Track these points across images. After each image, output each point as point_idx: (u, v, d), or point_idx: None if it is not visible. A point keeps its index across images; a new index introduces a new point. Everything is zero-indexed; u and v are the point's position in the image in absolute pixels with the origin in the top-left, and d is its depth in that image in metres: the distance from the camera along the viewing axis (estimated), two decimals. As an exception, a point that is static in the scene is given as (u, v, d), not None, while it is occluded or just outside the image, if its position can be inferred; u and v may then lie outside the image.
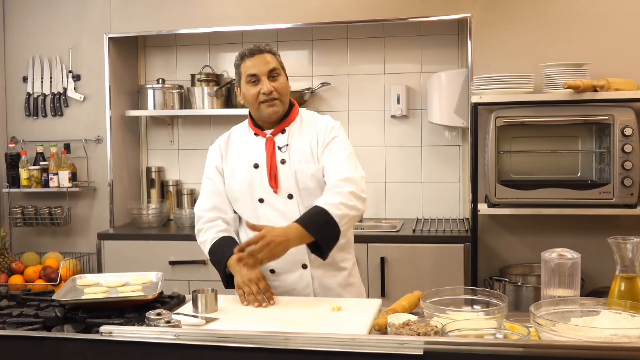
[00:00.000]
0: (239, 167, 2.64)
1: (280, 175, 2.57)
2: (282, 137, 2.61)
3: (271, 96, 2.55)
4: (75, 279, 2.49)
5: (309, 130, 2.63)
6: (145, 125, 4.77)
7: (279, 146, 2.60)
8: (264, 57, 2.57)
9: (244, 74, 2.58)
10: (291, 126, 2.64)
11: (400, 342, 1.63)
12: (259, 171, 2.59)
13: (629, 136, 3.48)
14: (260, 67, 2.55)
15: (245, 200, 2.61)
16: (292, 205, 2.56)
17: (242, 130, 2.72)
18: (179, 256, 4.05)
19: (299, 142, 2.61)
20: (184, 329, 1.83)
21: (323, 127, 2.62)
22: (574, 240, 3.67)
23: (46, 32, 4.51)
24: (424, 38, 4.39)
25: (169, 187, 4.66)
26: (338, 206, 2.40)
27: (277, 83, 2.56)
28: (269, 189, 2.57)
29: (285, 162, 2.58)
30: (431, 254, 3.78)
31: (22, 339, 1.87)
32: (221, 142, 2.74)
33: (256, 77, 2.55)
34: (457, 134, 4.36)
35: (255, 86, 2.56)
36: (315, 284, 2.58)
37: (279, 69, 2.59)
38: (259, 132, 2.65)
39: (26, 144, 4.50)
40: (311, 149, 2.60)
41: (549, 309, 1.90)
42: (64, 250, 4.49)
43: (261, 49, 2.58)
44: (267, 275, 2.58)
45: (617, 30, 3.81)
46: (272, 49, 2.63)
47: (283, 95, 2.58)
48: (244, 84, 2.59)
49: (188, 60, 4.69)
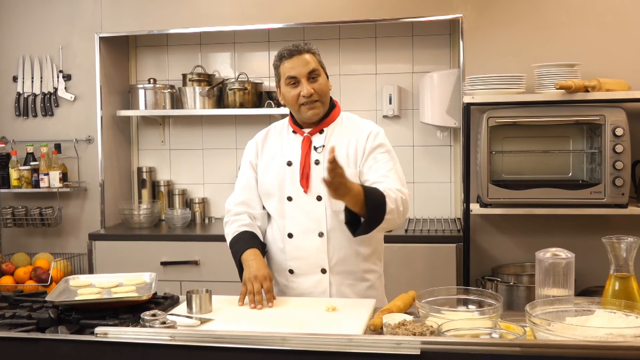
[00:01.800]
0: (273, 163, 2.61)
1: (312, 176, 2.53)
2: (320, 137, 2.58)
3: (311, 98, 2.51)
4: (68, 279, 2.48)
5: (349, 132, 2.59)
6: (136, 125, 4.75)
7: (315, 146, 2.56)
8: (303, 58, 2.52)
9: (284, 75, 2.54)
10: (330, 127, 2.60)
11: (397, 342, 1.63)
12: (291, 169, 2.56)
13: (620, 136, 3.50)
14: (300, 68, 2.51)
15: (275, 197, 2.58)
16: (320, 207, 2.52)
17: (282, 127, 2.69)
18: (171, 257, 4.04)
19: (335, 144, 2.50)
20: (179, 330, 1.83)
21: (365, 132, 2.58)
22: (566, 239, 3.68)
23: (37, 32, 4.48)
24: (415, 38, 4.39)
25: (160, 188, 4.64)
26: (393, 201, 2.36)
27: (317, 84, 2.52)
28: (299, 188, 2.54)
29: (319, 163, 2.54)
30: (423, 254, 3.78)
31: (16, 340, 1.86)
32: (258, 138, 2.71)
33: (296, 79, 2.51)
34: (449, 134, 4.37)
35: (295, 88, 2.52)
36: (333, 290, 2.53)
37: (318, 69, 2.54)
38: (297, 130, 2.61)
39: (16, 144, 4.47)
40: (348, 152, 2.55)
41: (544, 308, 1.91)
42: (55, 251, 4.46)
43: (300, 49, 2.53)
44: (285, 275, 2.58)
45: (608, 30, 3.83)
46: (312, 47, 2.57)
47: (323, 96, 2.54)
48: (284, 86, 2.55)
49: (179, 60, 4.67)
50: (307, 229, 2.53)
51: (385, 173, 2.49)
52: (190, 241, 4.10)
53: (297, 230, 2.55)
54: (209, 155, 4.67)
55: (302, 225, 2.54)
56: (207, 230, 4.34)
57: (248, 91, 4.37)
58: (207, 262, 4.02)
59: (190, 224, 4.46)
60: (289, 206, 2.56)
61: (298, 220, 2.54)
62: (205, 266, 4.02)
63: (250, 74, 4.48)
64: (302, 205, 2.54)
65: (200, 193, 4.68)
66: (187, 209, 4.46)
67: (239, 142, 4.59)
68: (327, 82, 2.58)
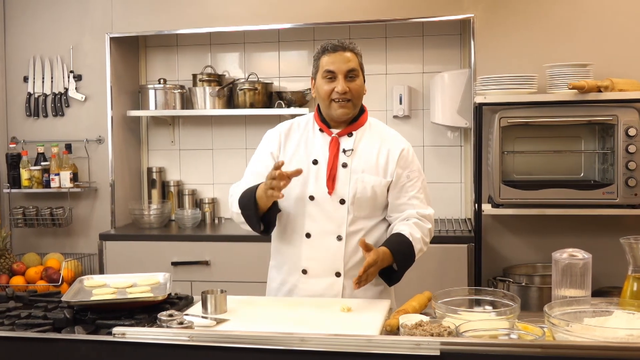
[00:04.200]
0: (297, 159, 2.56)
1: (338, 178, 2.51)
2: (349, 140, 2.56)
3: (345, 97, 2.48)
4: (83, 280, 2.48)
5: (378, 140, 2.58)
6: (146, 126, 4.75)
7: (344, 149, 2.54)
8: (345, 55, 2.50)
9: (322, 68, 2.51)
10: (359, 131, 2.58)
11: (417, 342, 1.62)
12: (316, 168, 2.53)
13: (633, 136, 3.49)
14: (340, 64, 2.48)
15: (296, 194, 2.53)
16: (342, 210, 2.51)
17: (306, 123, 2.65)
18: (181, 257, 4.04)
19: (364, 150, 2.55)
20: (197, 330, 1.83)
21: (398, 146, 2.58)
22: (578, 240, 3.66)
23: (47, 32, 4.48)
24: (426, 38, 4.38)
25: (170, 188, 4.65)
26: (419, 240, 2.48)
27: (353, 84, 2.50)
28: (324, 189, 2.51)
29: (346, 166, 2.52)
30: (435, 255, 3.76)
31: (33, 340, 1.86)
32: (282, 129, 2.66)
33: (333, 74, 2.49)
34: (460, 135, 4.36)
35: (330, 83, 2.50)
36: (346, 293, 2.52)
37: (357, 70, 2.52)
38: (324, 128, 2.58)
39: (27, 144, 4.48)
40: (378, 160, 2.54)
41: (562, 309, 1.90)
42: (65, 251, 4.46)
43: (344, 46, 2.51)
44: (297, 275, 2.56)
45: (620, 30, 3.82)
46: (356, 47, 2.55)
47: (357, 97, 2.52)
48: (320, 79, 2.53)
49: (189, 60, 4.67)
50: (326, 230, 2.52)
51: (415, 194, 2.56)
52: (200, 241, 4.09)
53: (316, 231, 2.52)
54: (219, 156, 4.67)
55: (322, 227, 2.52)
56: (218, 231, 4.34)
57: (258, 91, 4.37)
58: (218, 262, 4.02)
59: (200, 224, 4.46)
60: (311, 205, 2.53)
61: (318, 221, 2.52)
62: (216, 266, 4.02)
63: (260, 74, 4.48)
64: (324, 206, 2.52)
65: (210, 193, 4.68)
66: (197, 209, 4.46)
67: (248, 142, 4.59)
68: (363, 84, 2.56)
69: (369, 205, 2.53)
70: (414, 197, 2.55)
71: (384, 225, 2.61)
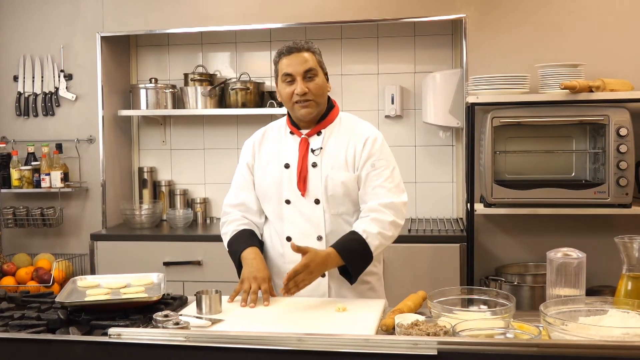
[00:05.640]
0: (271, 165, 2.59)
1: (309, 179, 2.52)
2: (317, 139, 2.56)
3: (305, 97, 2.48)
4: (76, 280, 2.47)
5: (347, 135, 2.57)
6: (137, 125, 4.73)
7: (312, 149, 2.54)
8: (301, 56, 2.50)
9: (281, 72, 2.53)
10: (328, 128, 2.58)
11: (414, 342, 1.62)
12: (289, 171, 2.55)
13: (624, 136, 3.51)
14: (296, 66, 2.48)
15: (273, 199, 2.57)
16: (318, 210, 2.52)
17: (279, 127, 2.66)
18: (173, 257, 4.03)
19: (333, 147, 2.54)
20: (194, 331, 1.82)
21: (363, 137, 2.55)
22: (569, 239, 3.68)
23: (38, 31, 4.46)
24: (417, 38, 4.39)
25: (162, 188, 4.63)
26: (376, 236, 2.42)
27: (312, 84, 2.49)
28: (297, 191, 2.52)
29: (316, 165, 2.53)
30: (427, 254, 3.78)
31: (27, 341, 1.84)
32: (255, 138, 2.69)
33: (291, 76, 2.49)
34: (451, 134, 4.36)
35: (290, 86, 2.50)
36: (332, 293, 2.53)
37: (316, 69, 2.51)
38: (295, 130, 2.59)
39: (17, 144, 4.45)
40: (346, 156, 2.54)
41: (557, 308, 1.91)
42: (56, 252, 4.44)
43: (299, 47, 2.51)
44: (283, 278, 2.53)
45: (612, 31, 3.84)
46: (312, 46, 2.54)
47: (318, 96, 2.51)
48: (280, 82, 2.54)
49: (180, 59, 4.66)
50: (305, 232, 2.53)
51: (380, 183, 2.50)
52: (192, 241, 4.09)
53: (296, 234, 2.53)
54: (210, 155, 4.66)
55: (301, 229, 2.53)
56: (209, 231, 4.32)
57: (250, 91, 4.36)
58: (210, 262, 4.01)
59: (192, 224, 4.45)
60: (287, 209, 2.55)
61: (296, 223, 2.53)
62: (208, 266, 4.01)
63: (251, 73, 4.47)
64: (300, 208, 2.53)
65: (201, 193, 4.67)
66: (188, 209, 4.45)
67: (240, 142, 4.57)
68: (324, 82, 2.55)
69: (344, 202, 2.53)
70: (379, 186, 2.50)
71: None
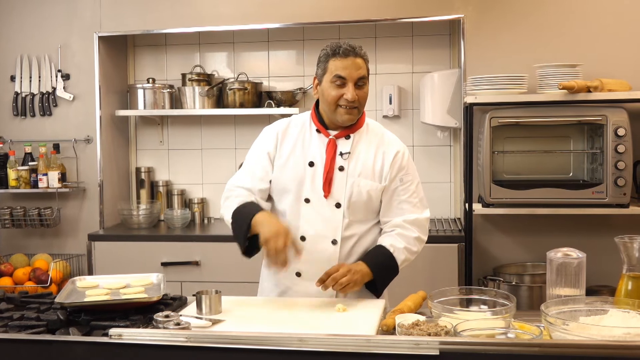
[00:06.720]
0: (292, 160, 2.53)
1: (334, 182, 2.48)
2: (346, 142, 2.52)
3: (352, 104, 2.43)
4: (75, 281, 2.46)
5: (375, 144, 2.55)
6: (135, 125, 4.72)
7: (341, 152, 2.50)
8: (357, 62, 2.42)
9: (331, 72, 2.43)
10: (357, 133, 2.54)
11: (416, 342, 1.62)
12: (312, 170, 2.50)
13: (622, 136, 3.51)
14: (351, 71, 2.41)
15: (291, 196, 2.51)
16: (338, 214, 2.48)
17: (303, 123, 2.59)
18: (171, 257, 4.02)
19: (362, 154, 2.51)
20: (195, 331, 1.81)
21: (393, 149, 2.55)
22: (567, 239, 3.67)
23: (35, 31, 4.44)
24: (415, 38, 4.39)
25: (159, 188, 4.62)
26: (402, 250, 2.48)
27: (362, 92, 2.45)
28: (319, 192, 2.48)
29: (343, 169, 2.49)
30: (425, 254, 3.72)
31: (28, 342, 1.84)
32: (279, 128, 2.59)
33: (344, 80, 2.42)
34: (449, 134, 4.37)
35: (339, 88, 2.42)
36: (339, 296, 2.49)
37: (366, 77, 2.47)
38: (322, 129, 2.53)
39: (14, 144, 4.43)
40: (374, 166, 2.52)
41: (558, 307, 1.91)
42: (53, 252, 4.42)
43: (356, 52, 2.43)
44: (291, 278, 2.53)
45: (609, 31, 3.84)
46: (366, 54, 2.48)
47: (363, 105, 2.49)
48: (327, 82, 2.44)
49: (178, 59, 4.65)
50: (321, 234, 2.50)
51: (406, 198, 2.55)
52: (190, 241, 4.08)
53: (311, 234, 2.50)
54: (208, 156, 4.65)
55: (317, 230, 2.49)
56: (207, 231, 4.32)
57: (248, 91, 4.35)
58: (208, 262, 4.00)
59: (190, 224, 4.44)
60: (306, 208, 2.50)
61: (313, 224, 2.49)
62: (206, 266, 4.00)
63: (249, 73, 4.46)
64: (319, 209, 2.49)
65: (199, 193, 4.66)
66: (186, 209, 4.44)
67: (238, 142, 4.57)
68: (368, 90, 2.52)
69: (363, 209, 2.52)
70: (404, 201, 2.53)
71: (377, 228, 2.60)
